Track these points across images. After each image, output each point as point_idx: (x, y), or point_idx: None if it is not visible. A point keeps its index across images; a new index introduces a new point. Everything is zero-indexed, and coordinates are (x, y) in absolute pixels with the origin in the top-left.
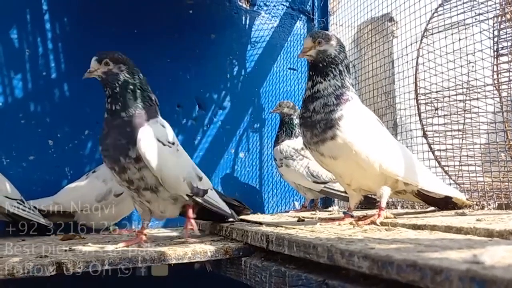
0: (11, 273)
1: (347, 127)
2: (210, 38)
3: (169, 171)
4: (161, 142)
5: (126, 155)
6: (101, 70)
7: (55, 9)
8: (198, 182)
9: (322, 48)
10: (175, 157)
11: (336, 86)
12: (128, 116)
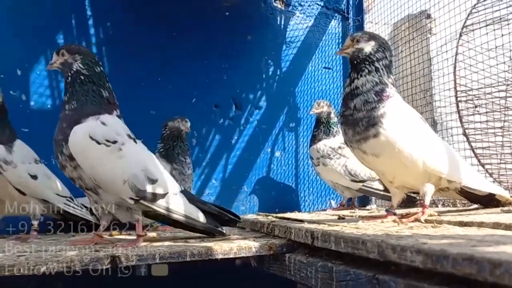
0: (69, 266)
1: (390, 125)
2: (246, 39)
3: (103, 172)
4: (96, 140)
5: (61, 153)
6: (59, 61)
7: (98, 14)
8: (149, 185)
9: (359, 46)
10: (115, 157)
11: (373, 82)
12: (69, 110)
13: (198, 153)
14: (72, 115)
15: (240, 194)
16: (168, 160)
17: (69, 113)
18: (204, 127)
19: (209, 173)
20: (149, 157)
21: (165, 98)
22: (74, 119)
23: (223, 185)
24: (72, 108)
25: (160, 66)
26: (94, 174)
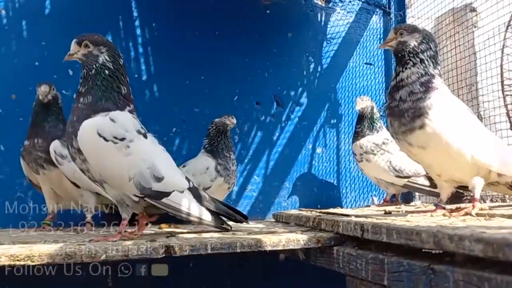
0: (126, 254)
1: (437, 116)
2: (287, 37)
3: (110, 168)
4: (103, 137)
5: (71, 145)
6: (81, 52)
7: (144, 15)
8: (154, 183)
9: (403, 39)
10: (122, 155)
11: (419, 73)
12: (83, 103)
13: (240, 149)
14: (83, 109)
15: (281, 190)
16: (213, 156)
17: (82, 107)
18: (246, 124)
19: (251, 170)
20: (158, 153)
21: (208, 96)
22: (84, 114)
23: (265, 181)
24: (86, 102)
25: (203, 65)
26: (101, 169)
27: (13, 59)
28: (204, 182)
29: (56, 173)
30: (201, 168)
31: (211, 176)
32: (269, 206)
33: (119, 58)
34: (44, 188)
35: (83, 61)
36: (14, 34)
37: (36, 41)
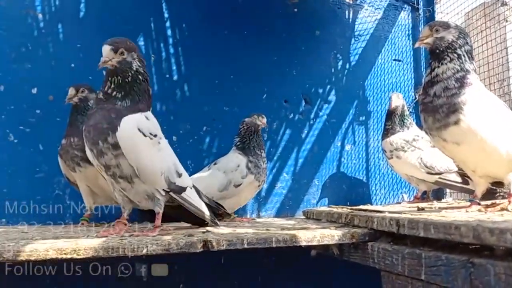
0: (166, 249)
1: (472, 111)
2: (315, 35)
3: (145, 163)
4: (142, 132)
5: (105, 140)
6: (116, 60)
7: (174, 16)
8: (177, 178)
9: (440, 35)
10: (155, 150)
11: (454, 69)
12: (121, 106)
13: (269, 147)
14: (121, 110)
15: (311, 187)
16: (245, 153)
17: (120, 108)
18: (275, 122)
19: (281, 167)
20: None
21: (237, 95)
22: (123, 113)
23: (294, 179)
24: (124, 105)
25: (232, 64)
26: (138, 163)
27: (50, 61)
28: (235, 179)
29: (92, 171)
30: (232, 166)
31: (242, 173)
32: (298, 203)
33: (144, 61)
34: (81, 186)
35: (117, 67)
36: (51, 37)
37: (71, 43)
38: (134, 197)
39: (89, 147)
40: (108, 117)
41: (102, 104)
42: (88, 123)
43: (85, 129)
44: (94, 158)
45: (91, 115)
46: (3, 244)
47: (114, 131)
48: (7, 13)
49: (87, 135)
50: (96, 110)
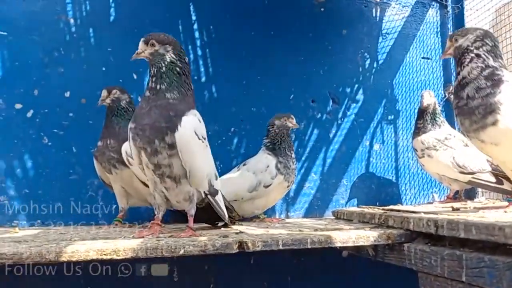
0: (203, 250)
1: (509, 111)
2: (342, 34)
3: (197, 165)
4: (197, 135)
5: (162, 139)
6: (148, 51)
7: (202, 18)
8: (215, 181)
9: (458, 44)
10: (205, 153)
11: (479, 67)
12: (173, 99)
13: (297, 147)
14: (177, 104)
15: (339, 187)
16: (275, 154)
17: (173, 102)
18: (302, 122)
19: (309, 167)
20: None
21: (265, 95)
22: (180, 109)
23: (322, 179)
24: (175, 97)
25: (259, 64)
26: (191, 165)
27: (82, 65)
28: (265, 180)
29: (127, 173)
30: (261, 166)
31: (271, 174)
32: (327, 203)
33: (184, 56)
34: (115, 187)
35: (150, 59)
36: (82, 41)
37: (102, 47)
38: (174, 198)
39: (140, 146)
40: (167, 115)
41: (154, 101)
42: (141, 121)
43: (137, 127)
44: (145, 156)
45: (144, 114)
46: (45, 245)
47: (173, 131)
48: (39, 19)
49: (140, 133)
50: (150, 107)
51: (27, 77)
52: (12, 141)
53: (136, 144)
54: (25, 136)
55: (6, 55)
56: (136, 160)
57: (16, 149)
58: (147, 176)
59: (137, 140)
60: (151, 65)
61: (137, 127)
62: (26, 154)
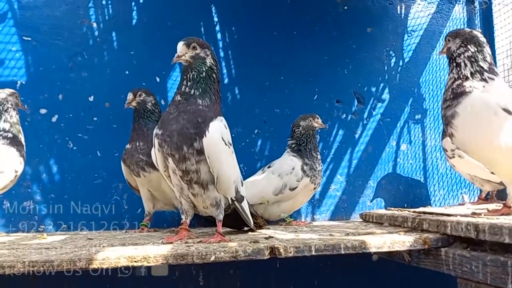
0: (234, 256)
1: (464, 123)
2: (366, 32)
3: (225, 171)
4: (224, 141)
5: (190, 145)
6: (189, 55)
7: (224, 20)
8: (241, 188)
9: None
10: (231, 159)
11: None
12: (203, 105)
13: (322, 149)
14: (206, 111)
15: (366, 189)
16: (300, 156)
17: (203, 109)
18: (327, 123)
19: (334, 169)
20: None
21: (288, 96)
22: (209, 116)
23: (348, 180)
24: (206, 104)
25: (282, 65)
26: (219, 171)
27: (105, 69)
28: (291, 183)
29: (156, 176)
30: (287, 169)
31: (297, 176)
32: (353, 205)
33: (217, 62)
34: (142, 191)
35: (190, 63)
36: (105, 45)
37: (125, 50)
38: (202, 204)
39: (168, 152)
40: (195, 121)
41: (183, 106)
42: (169, 127)
43: (165, 133)
44: (173, 162)
45: (172, 119)
46: (75, 252)
47: (201, 137)
48: (63, 23)
49: (167, 139)
50: (178, 112)
51: (52, 82)
52: (38, 146)
53: (164, 150)
54: (50, 141)
55: (31, 61)
56: (161, 166)
57: (42, 154)
58: (172, 182)
59: (164, 146)
60: (190, 69)
61: (164, 133)
62: (52, 159)
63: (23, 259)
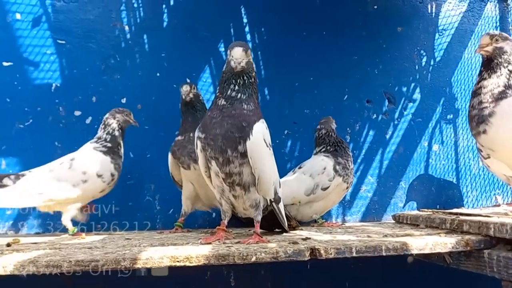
0: (275, 257)
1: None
2: (397, 31)
3: (266, 173)
4: (266, 143)
5: (235, 149)
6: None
7: (253, 20)
8: (279, 189)
9: (499, 45)
10: (272, 160)
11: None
12: (247, 110)
13: (352, 149)
14: (251, 116)
15: (397, 190)
16: (332, 155)
17: (247, 113)
18: (357, 123)
19: (365, 169)
20: None
21: (318, 96)
22: (252, 120)
23: (379, 181)
24: (250, 109)
25: (311, 65)
26: (261, 172)
27: (137, 71)
28: (322, 183)
29: None
30: (318, 169)
31: (329, 176)
32: (384, 207)
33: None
34: (186, 186)
35: (244, 68)
36: (137, 47)
37: (156, 53)
38: (242, 205)
39: (211, 155)
40: (240, 126)
41: (228, 111)
42: (213, 131)
43: (208, 136)
44: (216, 165)
45: (215, 123)
46: (118, 251)
47: (245, 140)
48: (96, 27)
49: (210, 143)
50: (222, 117)
51: (85, 84)
52: (73, 147)
53: (207, 154)
54: (84, 142)
55: (65, 63)
56: (202, 167)
57: None
58: (213, 184)
59: (207, 150)
60: (243, 74)
61: (208, 137)
62: None
63: (69, 259)
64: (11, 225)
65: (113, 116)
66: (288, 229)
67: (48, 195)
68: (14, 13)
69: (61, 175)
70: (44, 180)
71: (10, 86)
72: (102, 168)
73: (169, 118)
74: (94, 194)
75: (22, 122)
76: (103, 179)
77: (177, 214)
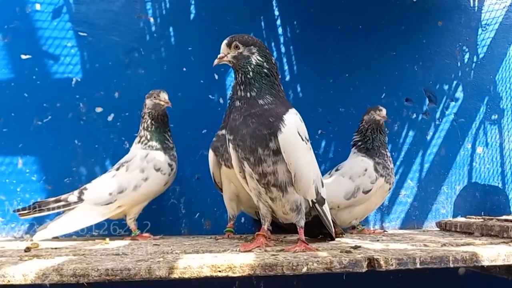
0: (328, 267)
1: None
2: (437, 26)
3: (303, 168)
4: (300, 136)
5: (266, 146)
6: (231, 55)
7: (285, 13)
8: (322, 188)
9: None
10: (310, 156)
11: None
12: (267, 104)
13: (391, 151)
14: (274, 109)
15: (439, 195)
16: (369, 155)
17: (269, 107)
18: (396, 123)
19: (404, 173)
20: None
21: (353, 94)
22: (279, 112)
23: (419, 186)
24: (269, 102)
25: (346, 61)
26: (297, 168)
27: (162, 66)
28: (364, 185)
29: None
30: (358, 170)
31: (371, 177)
32: (426, 213)
33: (270, 56)
34: (227, 187)
35: (234, 63)
36: (163, 40)
37: (183, 46)
38: (281, 209)
39: (243, 156)
40: (267, 121)
41: (247, 110)
42: (240, 132)
43: (236, 138)
44: (248, 166)
45: (239, 125)
46: (151, 259)
47: (276, 134)
48: (119, 19)
49: (240, 144)
50: (244, 117)
51: (108, 79)
52: (93, 146)
53: (238, 155)
54: (106, 141)
55: (86, 57)
56: (236, 168)
57: (97, 154)
58: (249, 186)
59: (238, 151)
60: (236, 70)
61: (236, 138)
62: (108, 160)
63: (97, 267)
64: (27, 229)
65: (144, 105)
66: (334, 236)
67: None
68: (34, 4)
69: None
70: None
71: (28, 80)
72: (158, 162)
73: (196, 116)
74: (159, 189)
75: (41, 118)
76: (162, 172)
77: (203, 219)
